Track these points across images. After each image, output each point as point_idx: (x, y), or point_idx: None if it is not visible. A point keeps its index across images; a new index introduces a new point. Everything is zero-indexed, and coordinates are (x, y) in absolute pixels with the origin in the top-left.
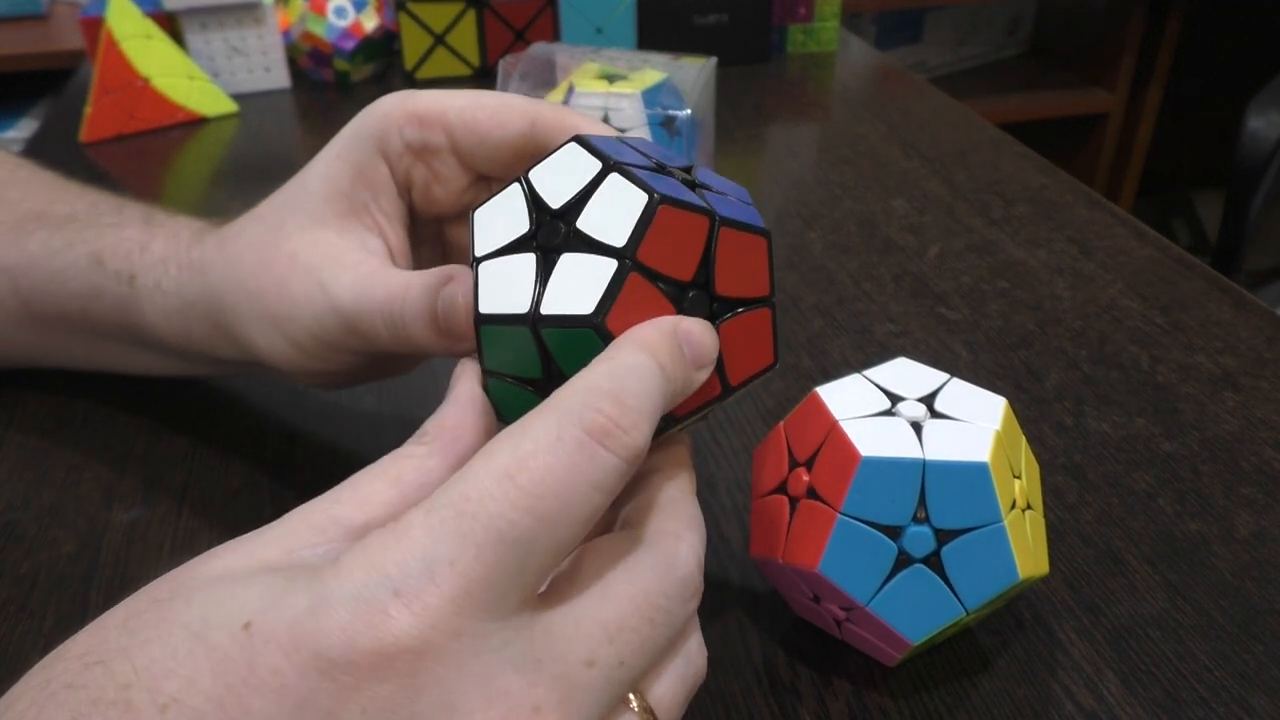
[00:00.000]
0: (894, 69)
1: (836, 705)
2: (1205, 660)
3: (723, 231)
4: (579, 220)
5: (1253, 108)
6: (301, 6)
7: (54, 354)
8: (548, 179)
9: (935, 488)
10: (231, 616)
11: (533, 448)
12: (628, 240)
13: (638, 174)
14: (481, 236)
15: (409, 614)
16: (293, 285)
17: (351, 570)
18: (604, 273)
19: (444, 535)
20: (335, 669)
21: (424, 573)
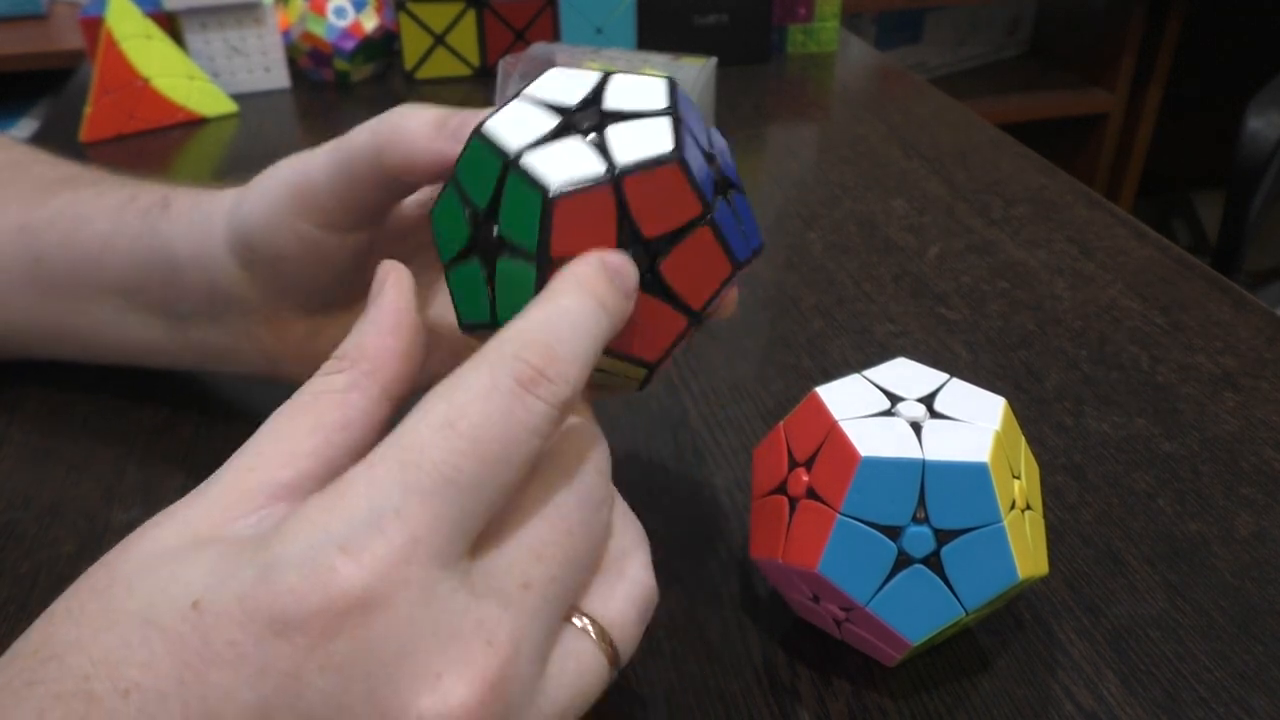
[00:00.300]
0: (894, 69)
1: (836, 705)
2: (1205, 660)
3: (703, 228)
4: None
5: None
6: (301, 6)
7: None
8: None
9: (935, 488)
10: (178, 598)
11: (468, 396)
12: (627, 165)
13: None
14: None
15: (356, 567)
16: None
17: (296, 533)
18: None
19: (387, 486)
20: (290, 631)
21: (369, 525)
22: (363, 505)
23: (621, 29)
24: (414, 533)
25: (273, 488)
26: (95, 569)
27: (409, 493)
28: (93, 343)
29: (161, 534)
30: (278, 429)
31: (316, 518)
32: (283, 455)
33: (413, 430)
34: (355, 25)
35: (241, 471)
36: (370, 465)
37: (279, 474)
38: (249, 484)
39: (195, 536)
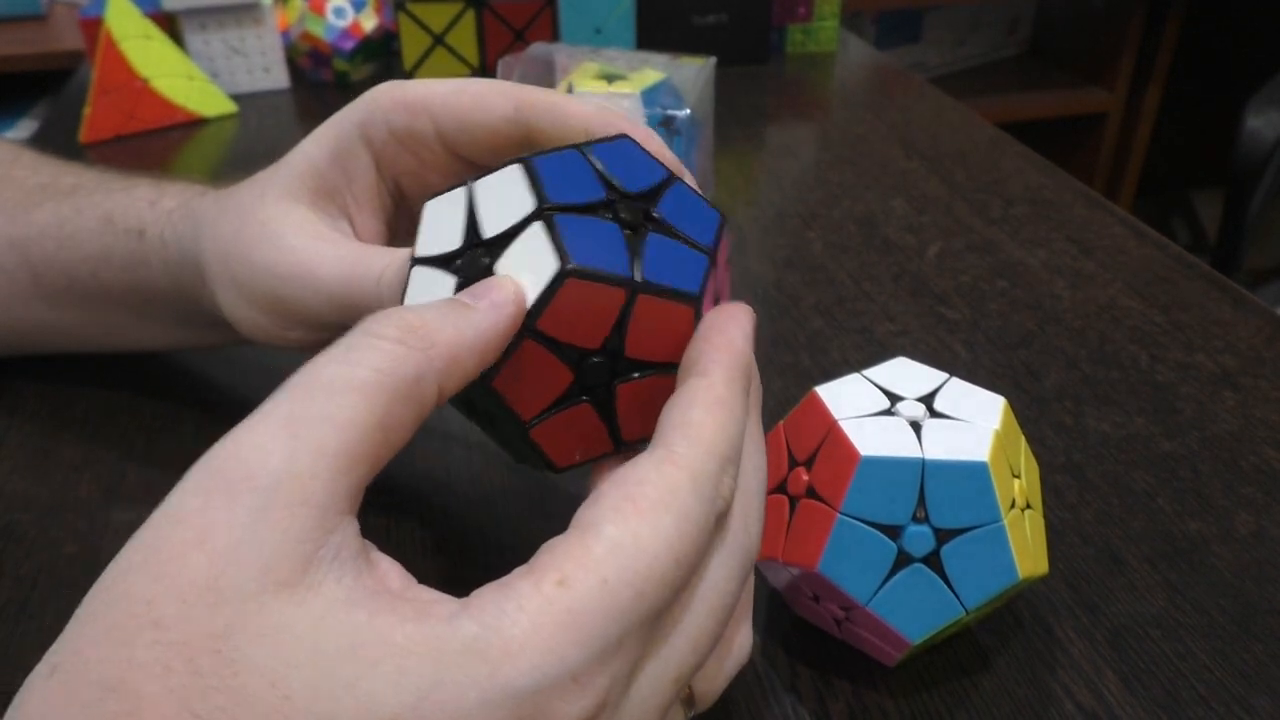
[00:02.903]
0: (893, 69)
1: (836, 705)
2: (1205, 660)
3: (639, 301)
4: (496, 263)
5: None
6: (300, 7)
7: (63, 330)
8: (487, 197)
9: (935, 487)
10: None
11: (690, 529)
12: (530, 309)
13: (565, 226)
14: (425, 233)
15: (582, 697)
16: (257, 252)
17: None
18: None
19: (620, 618)
20: None
21: (599, 656)
22: (601, 636)
23: (621, 29)
24: (627, 659)
25: (338, 501)
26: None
27: (635, 625)
28: (103, 343)
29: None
30: (336, 415)
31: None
32: (346, 456)
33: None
34: (354, 25)
35: (303, 479)
36: (605, 584)
37: (343, 481)
38: (316, 496)
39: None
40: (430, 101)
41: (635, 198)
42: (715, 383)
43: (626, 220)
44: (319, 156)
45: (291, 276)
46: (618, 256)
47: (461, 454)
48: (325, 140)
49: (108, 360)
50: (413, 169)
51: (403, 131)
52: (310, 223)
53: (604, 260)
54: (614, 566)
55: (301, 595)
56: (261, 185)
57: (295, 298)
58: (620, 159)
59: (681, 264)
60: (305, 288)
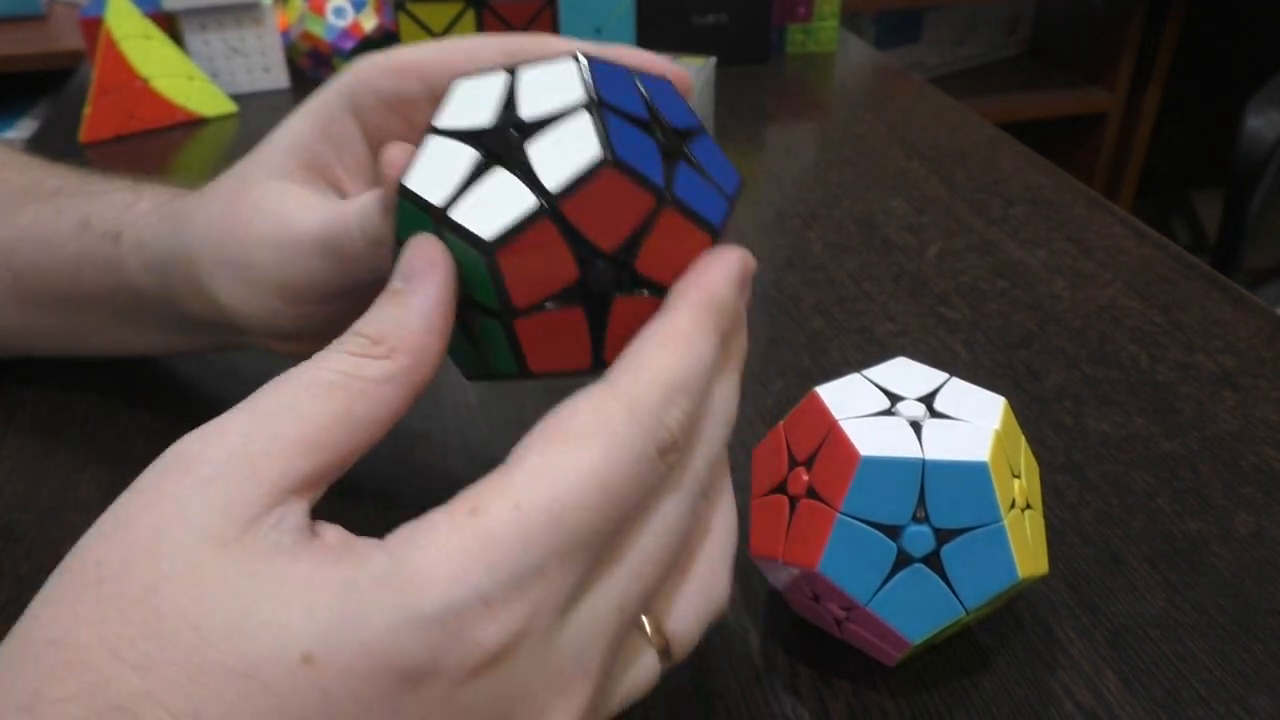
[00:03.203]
0: (893, 69)
1: (836, 705)
2: (1205, 660)
3: (665, 214)
4: (529, 142)
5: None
6: (300, 6)
7: (48, 333)
8: (531, 83)
9: (935, 487)
10: (282, 649)
11: (622, 458)
12: (559, 188)
13: (613, 123)
14: (449, 107)
15: (496, 625)
16: (255, 228)
17: (435, 579)
18: (520, 206)
19: (535, 543)
20: (422, 684)
21: (513, 582)
22: (511, 560)
23: (621, 29)
24: (549, 589)
25: (291, 480)
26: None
27: (555, 552)
28: (86, 347)
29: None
30: (297, 407)
31: (459, 566)
32: (303, 441)
33: (566, 482)
34: (354, 25)
35: (256, 455)
36: (518, 510)
37: (298, 463)
38: (266, 473)
39: (223, 540)
40: (421, 63)
41: (672, 130)
42: (677, 318)
43: (663, 144)
44: (305, 132)
45: (289, 243)
46: (654, 166)
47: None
48: (312, 115)
49: (107, 361)
50: (403, 134)
51: (391, 96)
52: (298, 195)
53: (643, 164)
54: (528, 493)
55: (235, 552)
56: (246, 167)
57: (293, 266)
58: (661, 93)
59: (707, 198)
60: (300, 253)
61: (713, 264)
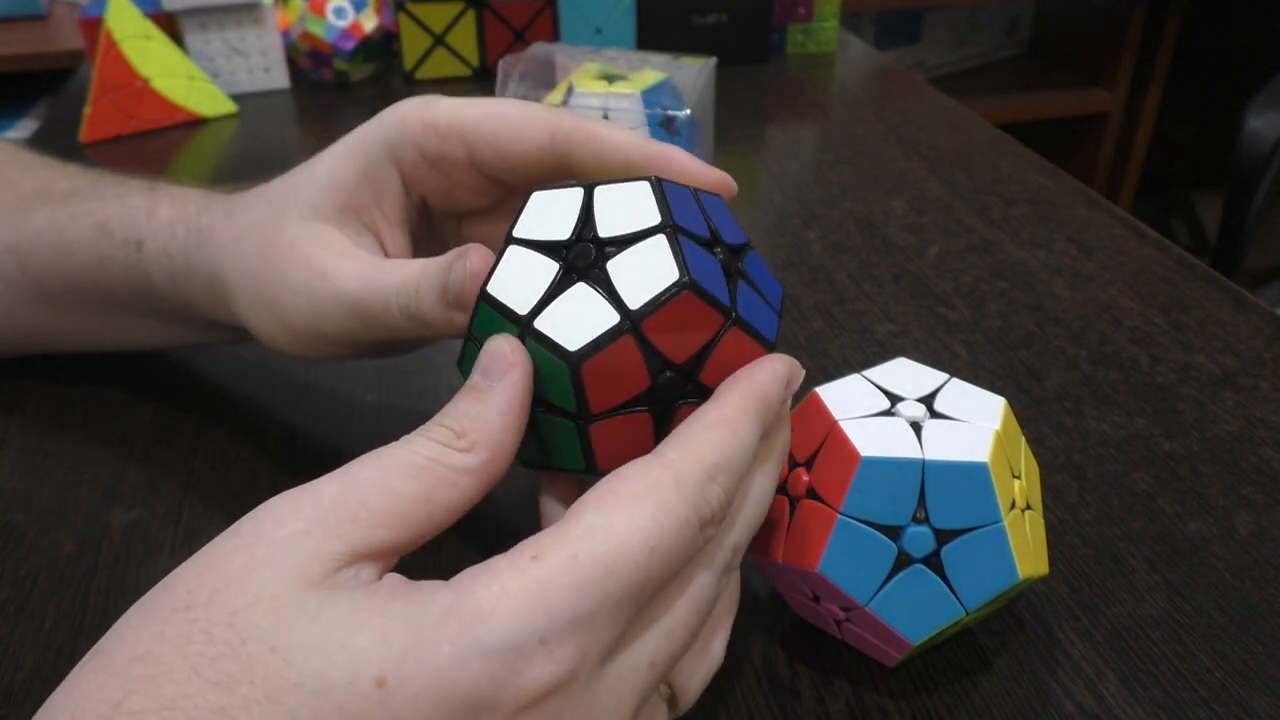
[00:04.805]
0: (893, 69)
1: (836, 705)
2: (1205, 660)
3: (731, 331)
4: (611, 261)
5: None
6: (301, 7)
7: (65, 331)
8: (608, 203)
9: (935, 488)
10: (356, 672)
11: (668, 525)
12: (640, 307)
13: (685, 246)
14: (527, 218)
15: (550, 664)
16: (290, 273)
17: (498, 616)
18: (604, 322)
19: (589, 591)
20: (481, 714)
21: (568, 625)
22: (567, 605)
23: (621, 29)
24: (597, 636)
25: (372, 546)
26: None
27: (605, 602)
28: (105, 342)
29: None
30: (387, 482)
31: (521, 606)
32: (387, 514)
33: (620, 539)
34: (355, 25)
35: (345, 519)
36: (575, 560)
37: (380, 533)
38: (352, 536)
39: (308, 581)
40: (463, 126)
41: (729, 248)
42: (724, 405)
43: (725, 264)
44: (345, 174)
45: (325, 299)
46: (722, 287)
47: None
48: (353, 158)
49: (108, 360)
50: (441, 187)
51: (434, 155)
52: (338, 242)
53: (713, 285)
54: (585, 545)
55: (317, 589)
56: (281, 202)
57: (329, 319)
58: (718, 211)
59: (762, 313)
60: (338, 309)
61: (763, 364)
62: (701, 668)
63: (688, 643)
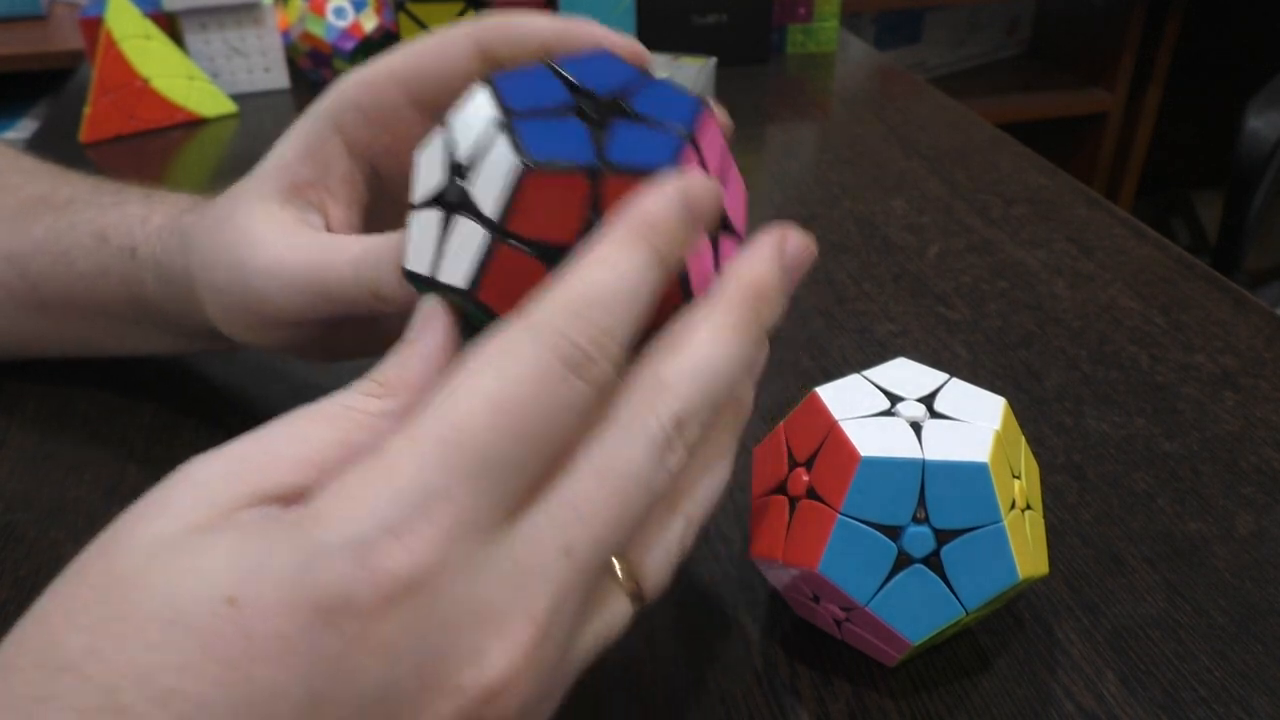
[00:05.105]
0: (893, 69)
1: (836, 705)
2: (1205, 660)
3: (609, 183)
4: (469, 181)
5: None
6: (301, 7)
7: (65, 339)
8: (459, 126)
9: (935, 488)
10: (205, 593)
11: (519, 373)
12: (499, 211)
13: (524, 127)
14: (416, 181)
15: (405, 552)
16: (244, 259)
17: (339, 514)
18: (477, 243)
19: (435, 466)
20: (338, 618)
21: (417, 508)
22: (410, 486)
23: (621, 29)
24: (458, 515)
25: (279, 490)
26: (87, 566)
27: (455, 475)
28: (104, 349)
29: (155, 524)
30: (299, 431)
31: (360, 497)
32: (297, 460)
33: (459, 405)
34: (355, 26)
35: (250, 467)
36: (414, 441)
37: (290, 478)
38: (255, 481)
39: (196, 525)
40: (393, 72)
41: (605, 98)
42: (599, 244)
43: (593, 117)
44: (289, 153)
45: (261, 271)
46: (578, 147)
47: None
48: (296, 136)
49: (107, 361)
50: (390, 147)
51: (373, 109)
52: (278, 218)
53: (563, 152)
54: (425, 423)
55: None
56: (237, 191)
57: (268, 293)
58: (592, 67)
59: (650, 145)
60: (275, 281)
61: (651, 193)
62: (656, 554)
63: (621, 525)
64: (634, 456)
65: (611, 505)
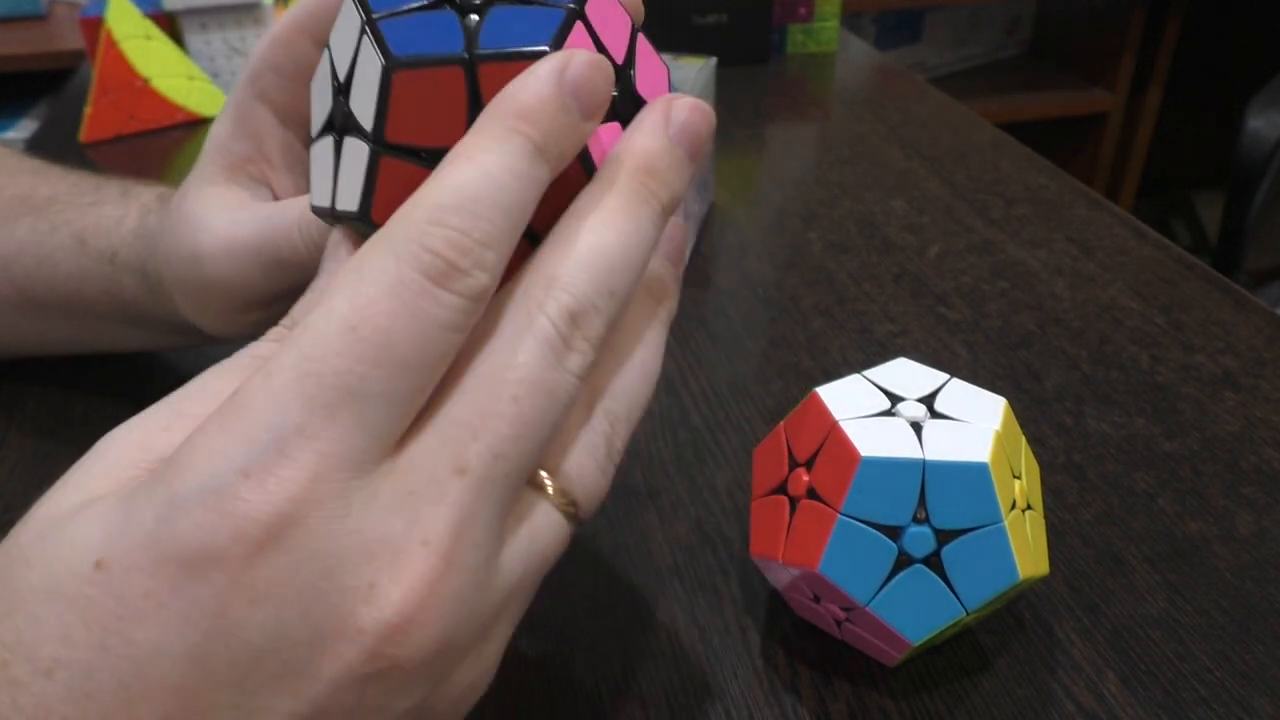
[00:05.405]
0: (894, 69)
1: (836, 705)
2: (1205, 660)
3: (484, 71)
4: (349, 98)
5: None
6: None
7: (52, 339)
8: (336, 44)
9: (935, 488)
10: (77, 561)
11: (373, 293)
12: (374, 120)
13: (388, 28)
14: (312, 112)
15: (263, 492)
16: (186, 241)
17: (192, 463)
18: (362, 163)
19: (289, 401)
20: (205, 569)
21: (272, 447)
22: (263, 425)
23: None
24: (321, 449)
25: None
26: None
27: (312, 408)
28: (96, 347)
29: (54, 503)
30: (206, 386)
31: (214, 443)
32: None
33: (313, 333)
34: None
35: (154, 431)
36: (268, 376)
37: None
38: (158, 444)
39: (89, 497)
40: (299, 21)
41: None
42: (467, 139)
43: (466, 7)
44: (222, 132)
45: (217, 254)
46: (449, 39)
47: None
48: (226, 114)
49: (107, 360)
50: None
51: (289, 66)
52: (225, 199)
53: (431, 45)
54: (278, 357)
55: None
56: (186, 183)
57: (227, 275)
58: None
59: (531, 26)
60: (233, 261)
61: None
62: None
63: (521, 436)
64: (526, 360)
65: (506, 416)
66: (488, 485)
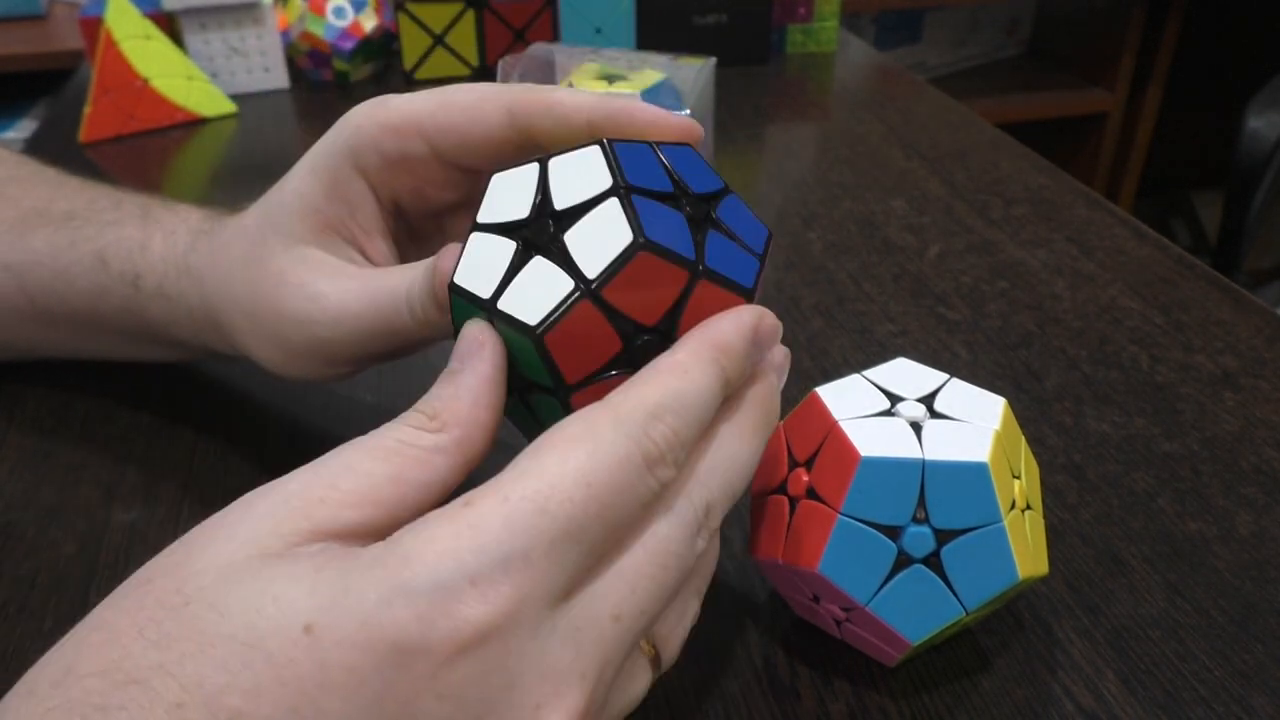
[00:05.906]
0: (893, 69)
1: (836, 705)
2: (1205, 660)
3: (701, 285)
4: (567, 232)
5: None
6: (300, 7)
7: (63, 347)
8: (562, 173)
9: (935, 488)
10: (285, 621)
11: (606, 459)
12: (598, 274)
13: (641, 205)
14: (489, 203)
15: (483, 603)
16: (287, 304)
17: (426, 559)
18: (560, 292)
19: (521, 529)
20: (411, 659)
21: (500, 564)
22: (496, 543)
23: (621, 29)
24: (535, 577)
25: (339, 526)
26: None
27: (539, 539)
28: (100, 356)
29: (225, 550)
30: (356, 466)
31: (447, 545)
32: (357, 496)
33: (551, 477)
34: (354, 25)
35: (311, 501)
36: (506, 501)
37: (348, 514)
38: (317, 515)
39: (264, 552)
40: (419, 121)
41: (697, 198)
42: (674, 350)
43: (690, 215)
44: (314, 193)
45: (329, 322)
46: (685, 241)
47: None
48: (318, 175)
49: (107, 361)
50: (411, 187)
51: (396, 156)
52: (326, 263)
53: (673, 241)
54: (516, 485)
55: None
56: (259, 233)
57: (337, 341)
58: (684, 161)
59: (737, 261)
60: (343, 329)
61: (726, 313)
62: (675, 626)
63: (660, 598)
64: (678, 536)
65: (656, 579)
66: (629, 635)
